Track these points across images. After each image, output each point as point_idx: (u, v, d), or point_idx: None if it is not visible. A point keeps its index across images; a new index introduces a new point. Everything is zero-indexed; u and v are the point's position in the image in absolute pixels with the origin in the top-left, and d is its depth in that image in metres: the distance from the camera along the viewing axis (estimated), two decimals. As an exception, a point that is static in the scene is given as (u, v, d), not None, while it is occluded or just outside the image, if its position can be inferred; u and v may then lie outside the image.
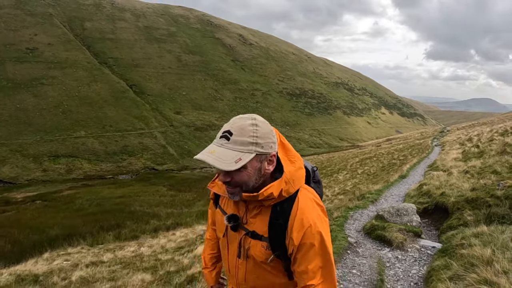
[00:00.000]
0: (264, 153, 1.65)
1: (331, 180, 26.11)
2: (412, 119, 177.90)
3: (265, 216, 1.75)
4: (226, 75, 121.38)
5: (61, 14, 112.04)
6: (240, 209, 1.83)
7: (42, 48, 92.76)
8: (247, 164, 1.61)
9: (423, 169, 19.11)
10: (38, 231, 17.10)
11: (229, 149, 1.58)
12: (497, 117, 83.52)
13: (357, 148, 78.65)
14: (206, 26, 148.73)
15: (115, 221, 20.73)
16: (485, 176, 9.66)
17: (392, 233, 6.95)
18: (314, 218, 1.70)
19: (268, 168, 1.70)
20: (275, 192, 1.67)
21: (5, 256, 13.61)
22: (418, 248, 6.53)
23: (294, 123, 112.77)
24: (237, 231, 1.83)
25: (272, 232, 1.73)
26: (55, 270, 9.04)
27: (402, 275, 5.38)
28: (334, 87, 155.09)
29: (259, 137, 1.63)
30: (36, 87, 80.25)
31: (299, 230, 1.67)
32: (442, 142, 38.90)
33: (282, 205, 1.72)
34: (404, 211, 8.15)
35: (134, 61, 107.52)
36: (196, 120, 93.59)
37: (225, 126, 1.67)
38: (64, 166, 63.11)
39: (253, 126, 1.64)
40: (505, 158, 11.69)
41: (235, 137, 1.60)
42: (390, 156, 33.57)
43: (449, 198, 8.45)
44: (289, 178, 1.71)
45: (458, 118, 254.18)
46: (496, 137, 20.50)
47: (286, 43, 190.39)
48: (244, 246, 1.80)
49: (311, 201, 1.76)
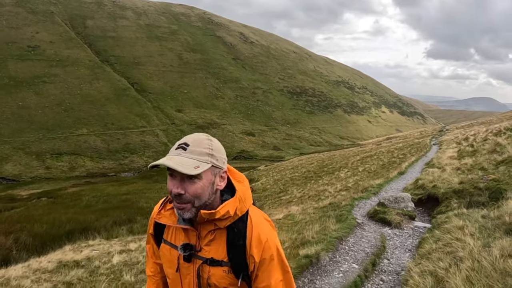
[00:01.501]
0: (218, 166, 1.67)
1: (332, 178, 26.49)
2: (412, 118, 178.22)
3: (222, 240, 1.74)
4: (227, 73, 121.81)
5: (62, 12, 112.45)
6: (191, 238, 1.78)
7: (44, 46, 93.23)
8: (202, 175, 1.61)
9: (420, 166, 20.03)
10: (54, 225, 17.65)
11: (187, 157, 1.60)
12: (496, 117, 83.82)
13: (357, 146, 78.99)
14: (207, 24, 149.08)
15: (126, 216, 21.38)
16: (474, 172, 11.28)
17: (391, 215, 8.60)
18: (268, 233, 1.76)
19: (220, 184, 1.71)
20: (231, 210, 1.68)
21: (27, 248, 14.30)
22: (412, 227, 8.16)
23: (295, 121, 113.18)
24: (190, 262, 1.77)
25: (232, 254, 1.72)
26: (91, 257, 9.56)
27: (399, 245, 7.01)
28: (334, 85, 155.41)
29: (214, 150, 1.67)
30: (38, 85, 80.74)
31: (257, 246, 1.71)
32: (440, 141, 39.32)
33: (237, 225, 1.73)
34: (401, 199, 9.89)
35: (136, 59, 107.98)
36: (198, 118, 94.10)
37: (180, 141, 1.69)
38: (66, 163, 63.66)
39: (208, 140, 1.68)
40: (494, 156, 12.92)
41: (192, 147, 1.63)
42: (390, 155, 33.98)
43: (439, 190, 10.12)
44: (242, 197, 1.74)
45: (458, 117, 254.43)
46: (490, 137, 21.14)
47: (287, 42, 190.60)
48: (203, 276, 1.75)
49: (261, 218, 1.82)
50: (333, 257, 6.14)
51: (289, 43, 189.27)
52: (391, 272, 5.66)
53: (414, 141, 49.20)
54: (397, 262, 6.04)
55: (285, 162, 64.97)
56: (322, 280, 5.29)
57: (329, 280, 5.28)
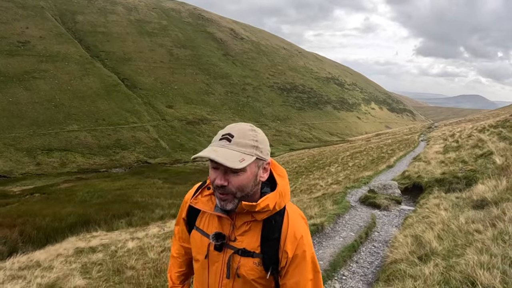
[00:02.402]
0: (262, 158, 1.67)
1: (323, 172, 27.16)
2: (401, 115, 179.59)
3: (256, 232, 1.74)
4: (217, 69, 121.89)
5: (52, 7, 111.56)
6: (225, 228, 1.78)
7: (34, 42, 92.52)
8: (247, 167, 1.60)
9: (408, 160, 21.25)
10: (55, 219, 18.10)
11: (232, 149, 1.58)
12: (484, 114, 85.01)
13: (347, 142, 79.76)
14: (197, 20, 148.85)
15: (124, 210, 21.80)
16: (455, 164, 12.92)
17: (380, 200, 10.06)
18: (304, 230, 1.76)
19: (263, 176, 1.72)
20: (271, 204, 1.67)
21: (32, 240, 14.78)
22: (399, 210, 9.67)
23: (285, 118, 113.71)
24: (221, 251, 1.77)
25: (266, 247, 1.71)
26: (104, 244, 10.06)
27: (387, 222, 8.49)
28: (324, 82, 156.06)
29: (259, 141, 1.65)
30: (28, 81, 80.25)
31: (292, 242, 1.69)
32: (428, 137, 40.21)
33: (275, 218, 1.72)
34: (389, 186, 11.35)
35: (126, 55, 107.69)
36: (188, 114, 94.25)
37: (223, 130, 1.69)
38: (57, 159, 63.54)
39: (252, 131, 1.66)
40: (475, 151, 14.23)
41: (237, 139, 1.61)
42: (379, 150, 34.75)
43: (423, 179, 11.84)
44: (282, 192, 1.73)
45: (447, 114, 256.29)
46: (475, 134, 22.15)
47: (277, 38, 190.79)
48: (233, 266, 1.74)
49: (298, 215, 1.81)
50: (334, 228, 7.75)
51: (279, 39, 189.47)
52: (380, 241, 7.13)
53: (403, 137, 50.06)
54: (386, 235, 7.47)
55: (275, 158, 65.56)
56: (327, 242, 6.87)
57: (333, 242, 6.85)
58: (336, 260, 5.91)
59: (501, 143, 13.30)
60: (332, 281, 5.28)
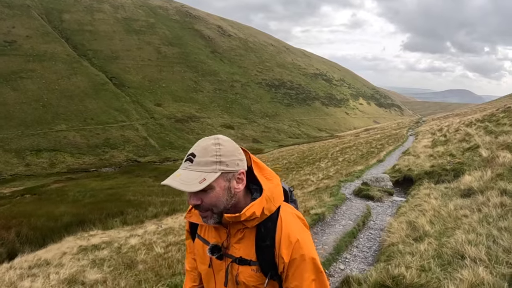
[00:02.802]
0: (230, 171, 1.63)
1: (314, 168, 27.49)
2: (389, 110, 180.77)
3: (250, 239, 1.72)
4: (205, 66, 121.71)
5: (38, 6, 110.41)
6: (222, 236, 1.78)
7: (20, 41, 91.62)
8: (213, 184, 1.58)
9: (398, 155, 21.84)
10: (50, 219, 18.18)
11: (193, 170, 1.58)
12: (471, 109, 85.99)
13: (336, 138, 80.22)
14: (185, 18, 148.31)
15: (117, 209, 21.98)
16: (444, 157, 13.56)
17: (373, 192, 10.65)
18: (300, 232, 1.71)
19: (238, 187, 1.67)
20: (257, 211, 1.64)
21: (29, 241, 14.85)
22: (391, 201, 10.34)
23: (274, 114, 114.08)
24: (222, 260, 1.77)
25: (260, 254, 1.69)
26: (106, 241, 10.22)
27: (381, 212, 9.15)
28: (312, 78, 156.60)
29: (223, 155, 1.61)
30: (15, 81, 79.61)
31: (287, 247, 1.66)
32: (416, 132, 40.80)
33: (266, 224, 1.70)
34: (381, 179, 12.08)
35: (114, 53, 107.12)
36: (177, 112, 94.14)
37: (190, 149, 1.65)
38: (47, 160, 63.31)
39: (216, 145, 1.62)
40: (463, 144, 14.88)
41: (198, 158, 1.59)
42: (368, 145, 35.18)
43: (413, 172, 12.50)
44: (269, 196, 1.69)
45: (435, 108, 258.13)
46: (462, 128, 22.69)
47: (265, 35, 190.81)
48: (232, 273, 1.74)
49: (293, 216, 1.77)
50: (333, 217, 8.46)
51: (267, 36, 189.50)
52: (376, 228, 7.79)
53: (391, 132, 50.59)
54: (381, 223, 8.09)
55: (265, 154, 65.82)
56: (329, 230, 7.56)
57: (334, 230, 7.53)
58: (339, 245, 6.57)
59: (487, 137, 13.82)
60: (337, 263, 5.96)
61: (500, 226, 4.52)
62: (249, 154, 1.76)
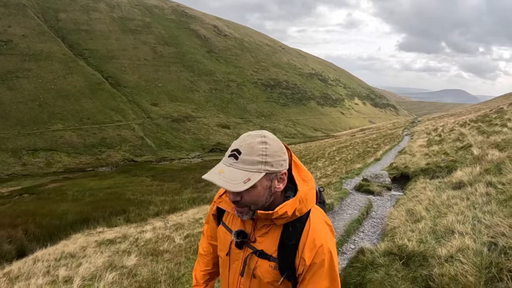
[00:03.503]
0: (274, 171, 1.63)
1: (311, 167, 27.88)
2: (385, 110, 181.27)
3: (275, 235, 1.73)
4: (201, 66, 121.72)
5: (34, 5, 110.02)
6: (247, 227, 1.80)
7: (16, 40, 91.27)
8: (257, 183, 1.59)
9: (394, 154, 22.74)
10: (54, 218, 18.42)
11: (238, 168, 1.58)
12: (465, 109, 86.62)
13: (332, 138, 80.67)
14: (181, 17, 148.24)
15: (119, 207, 22.25)
16: (438, 156, 14.60)
17: (373, 187, 11.78)
18: (325, 237, 1.71)
19: (278, 186, 1.69)
20: (289, 211, 1.65)
21: (37, 239, 15.10)
22: (390, 195, 11.48)
23: (269, 114, 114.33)
24: (242, 249, 1.80)
25: (283, 252, 1.70)
26: (120, 236, 10.48)
27: (381, 205, 10.19)
28: (308, 78, 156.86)
29: (269, 155, 1.61)
30: (11, 80, 79.40)
31: (311, 250, 1.67)
32: (412, 131, 41.29)
33: (294, 224, 1.70)
34: (380, 175, 13.21)
35: (110, 53, 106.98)
36: (173, 112, 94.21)
37: (234, 144, 1.65)
38: (43, 159, 63.30)
39: (262, 144, 1.61)
40: (456, 144, 15.81)
41: (244, 156, 1.58)
42: (364, 145, 35.60)
43: (410, 169, 13.73)
44: (303, 198, 1.70)
45: (430, 108, 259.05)
46: (456, 128, 23.27)
47: (261, 34, 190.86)
48: (250, 265, 1.76)
49: (322, 221, 1.78)
50: (340, 207, 9.65)
51: (263, 36, 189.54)
52: (378, 217, 8.90)
53: (387, 132, 51.04)
54: (382, 213, 9.24)
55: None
56: (338, 217, 8.74)
57: (342, 217, 8.70)
58: (348, 229, 7.75)
59: (480, 137, 14.59)
60: (348, 243, 7.09)
61: (485, 210, 5.42)
62: (290, 153, 1.79)
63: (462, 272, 3.65)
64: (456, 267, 3.79)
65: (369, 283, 4.43)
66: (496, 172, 7.55)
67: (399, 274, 4.31)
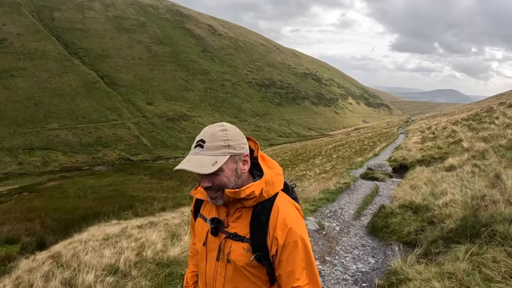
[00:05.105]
0: (237, 153, 1.74)
1: (309, 164, 28.48)
2: (378, 109, 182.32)
3: (247, 218, 1.80)
4: (196, 65, 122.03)
5: (29, 3, 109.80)
6: (221, 214, 1.88)
7: (11, 39, 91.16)
8: (223, 167, 1.69)
9: (391, 150, 24.64)
10: (65, 213, 18.85)
11: (205, 155, 1.69)
12: (458, 108, 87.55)
13: (328, 136, 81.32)
14: (175, 16, 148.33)
15: (126, 203, 22.79)
16: (432, 150, 16.75)
17: (378, 174, 14.38)
18: (295, 218, 1.80)
19: (243, 168, 1.79)
20: (256, 191, 1.74)
21: (54, 232, 15.56)
22: (392, 181, 14.06)
23: (264, 113, 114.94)
24: (217, 236, 1.86)
25: (254, 231, 1.78)
26: (147, 223, 11.05)
27: (385, 188, 12.61)
28: (302, 77, 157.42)
29: (230, 140, 1.72)
30: (6, 79, 79.44)
31: (282, 229, 1.73)
32: (406, 130, 42.21)
33: (263, 204, 1.79)
34: (383, 165, 15.88)
35: (104, 52, 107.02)
36: (168, 111, 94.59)
37: (198, 136, 1.76)
38: (39, 158, 63.54)
39: (223, 131, 1.73)
40: (448, 139, 17.79)
41: (208, 143, 1.70)
42: (361, 143, 36.27)
43: (408, 160, 16.51)
44: (269, 180, 1.79)
45: (424, 108, 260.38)
46: (449, 126, 24.40)
47: (255, 34, 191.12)
48: (224, 251, 1.82)
49: (290, 203, 1.86)
50: (354, 187, 12.30)
51: (257, 35, 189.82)
52: (385, 196, 11.26)
53: (382, 131, 51.79)
54: (387, 193, 11.51)
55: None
56: (355, 193, 11.44)
57: (358, 193, 11.39)
58: (365, 200, 10.26)
59: (470, 133, 16.30)
60: (366, 210, 9.41)
61: (470, 181, 7.15)
62: (257, 145, 1.95)
63: (454, 211, 5.37)
64: (450, 209, 5.57)
65: (392, 224, 6.62)
66: (481, 158, 9.38)
67: (411, 218, 6.52)
